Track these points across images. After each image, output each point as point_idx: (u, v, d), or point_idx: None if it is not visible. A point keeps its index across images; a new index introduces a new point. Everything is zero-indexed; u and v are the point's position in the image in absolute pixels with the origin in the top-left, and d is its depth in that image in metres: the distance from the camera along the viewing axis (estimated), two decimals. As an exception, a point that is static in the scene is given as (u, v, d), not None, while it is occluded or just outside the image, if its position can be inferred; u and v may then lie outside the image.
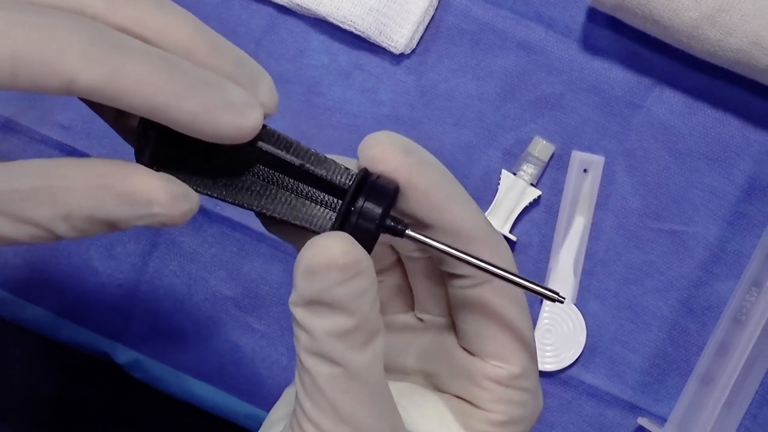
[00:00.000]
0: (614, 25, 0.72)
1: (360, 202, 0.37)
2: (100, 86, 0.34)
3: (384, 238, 0.41)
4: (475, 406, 0.42)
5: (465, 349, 0.43)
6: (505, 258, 0.41)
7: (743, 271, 0.71)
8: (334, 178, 0.38)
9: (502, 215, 0.70)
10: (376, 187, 0.38)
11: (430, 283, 0.43)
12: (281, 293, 0.73)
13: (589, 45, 0.72)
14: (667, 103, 0.72)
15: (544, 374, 0.71)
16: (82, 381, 1.04)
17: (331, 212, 0.38)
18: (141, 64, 0.34)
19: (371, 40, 0.72)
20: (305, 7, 0.72)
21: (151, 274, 0.74)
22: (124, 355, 0.74)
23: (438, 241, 0.39)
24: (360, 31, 0.72)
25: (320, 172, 0.38)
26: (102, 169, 0.35)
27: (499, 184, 0.71)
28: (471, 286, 0.41)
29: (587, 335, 0.71)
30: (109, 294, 0.74)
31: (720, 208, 0.72)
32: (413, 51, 0.73)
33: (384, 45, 0.72)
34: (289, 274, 0.73)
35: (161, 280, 0.74)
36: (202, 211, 0.73)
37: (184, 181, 0.38)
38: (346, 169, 0.38)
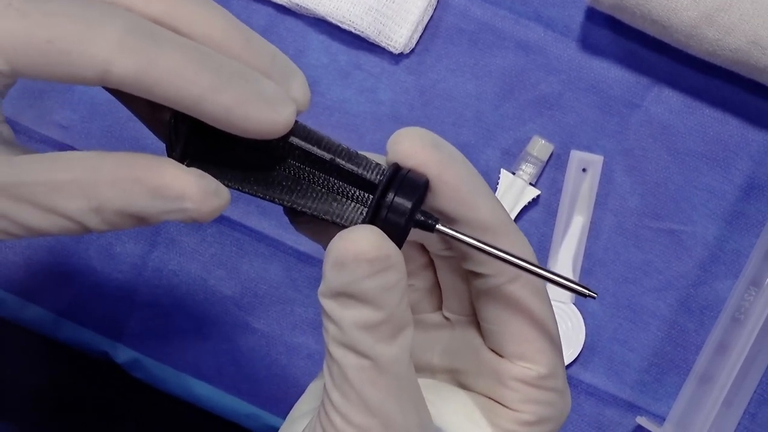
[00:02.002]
0: (613, 24, 0.72)
1: (390, 197, 0.37)
2: (134, 77, 0.34)
3: (415, 236, 0.41)
4: (503, 405, 0.42)
5: (492, 349, 0.43)
6: (529, 254, 0.41)
7: (742, 270, 0.71)
8: (365, 173, 0.38)
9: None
10: (406, 182, 0.38)
11: (459, 281, 0.43)
12: (280, 293, 0.73)
13: (587, 44, 0.72)
14: (666, 103, 0.72)
15: (543, 373, 0.71)
16: (82, 380, 1.05)
17: (362, 207, 0.38)
18: (175, 55, 0.34)
19: (370, 40, 0.72)
20: (304, 7, 0.72)
21: (150, 273, 0.74)
22: (123, 354, 0.74)
23: (469, 236, 0.39)
24: (359, 30, 0.72)
25: (351, 167, 0.38)
26: (133, 162, 0.35)
27: (498, 183, 0.71)
28: (495, 286, 0.41)
29: (586, 334, 0.71)
30: (109, 294, 0.74)
31: (719, 207, 0.72)
32: (412, 51, 0.73)
33: (383, 45, 0.72)
34: (287, 274, 0.73)
35: (160, 279, 0.74)
36: (202, 210, 0.73)
37: (214, 176, 0.38)
38: (377, 164, 0.38)
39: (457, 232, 0.38)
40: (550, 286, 0.71)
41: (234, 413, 0.74)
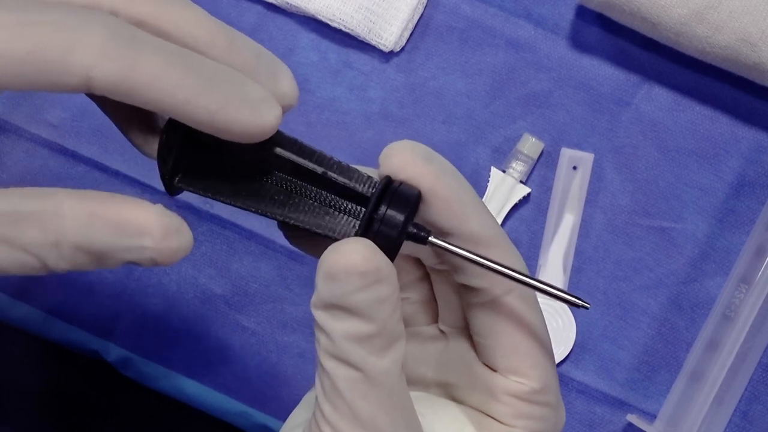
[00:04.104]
0: (603, 22, 0.72)
1: (383, 210, 0.37)
2: (117, 82, 0.33)
3: (409, 249, 0.40)
4: (496, 419, 0.42)
5: (485, 363, 0.43)
6: (521, 267, 0.41)
7: (732, 268, 0.71)
8: (357, 185, 0.38)
9: (492, 208, 0.70)
10: (398, 195, 0.38)
11: (454, 295, 0.43)
12: (271, 291, 0.73)
13: (577, 42, 0.72)
14: (656, 100, 0.72)
15: (533, 371, 0.71)
16: (74, 379, 1.04)
17: (354, 220, 0.38)
18: (158, 59, 0.34)
19: (360, 38, 0.72)
20: (294, 5, 0.72)
21: (140, 272, 0.74)
22: (114, 353, 0.74)
23: (461, 248, 0.38)
24: (349, 28, 0.72)
25: (343, 180, 0.38)
26: (94, 196, 0.35)
27: (488, 181, 0.71)
28: (487, 300, 0.41)
29: (576, 332, 0.71)
30: (99, 292, 0.74)
31: (709, 204, 0.72)
32: (402, 49, 0.73)
33: (373, 43, 0.72)
34: (278, 272, 0.73)
35: (151, 278, 0.74)
36: (192, 209, 0.73)
37: (206, 190, 0.38)
38: (369, 177, 0.38)
39: (449, 243, 0.38)
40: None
41: (224, 411, 0.74)
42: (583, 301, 0.39)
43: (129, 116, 0.40)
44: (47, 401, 1.07)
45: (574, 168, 0.71)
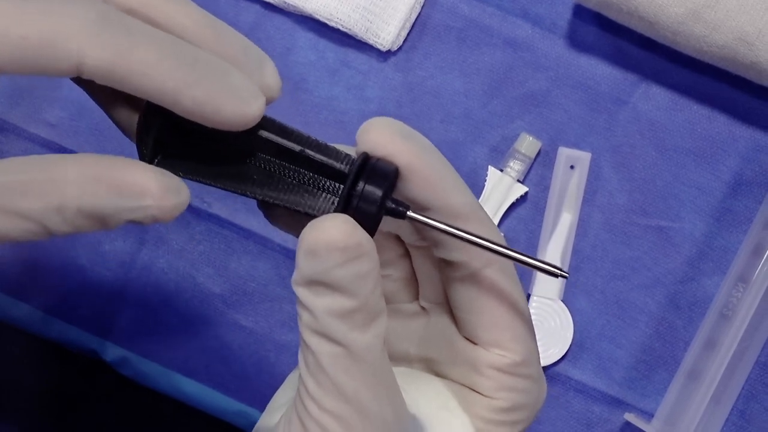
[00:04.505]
0: (600, 21, 0.72)
1: (361, 186, 0.37)
2: (107, 68, 0.34)
3: (388, 226, 0.41)
4: (478, 393, 0.42)
5: (466, 338, 0.43)
6: (499, 240, 0.41)
7: (729, 267, 0.71)
8: (335, 163, 0.38)
9: (488, 212, 0.70)
10: (376, 171, 0.38)
11: (434, 271, 0.44)
12: (269, 290, 0.73)
13: (575, 41, 0.72)
14: (654, 100, 0.72)
15: (531, 370, 0.71)
16: (73, 379, 1.04)
17: (333, 197, 0.38)
18: (150, 47, 0.35)
19: (358, 37, 0.72)
20: (292, 4, 0.72)
21: (138, 271, 0.74)
22: (112, 352, 0.74)
23: (440, 221, 0.39)
24: (346, 28, 0.72)
25: (320, 157, 0.38)
26: (94, 161, 0.35)
27: (485, 180, 0.71)
28: (467, 273, 0.41)
29: (574, 331, 0.71)
30: (97, 291, 0.74)
31: (706, 204, 0.72)
32: (400, 48, 0.73)
33: (371, 42, 0.72)
34: (276, 271, 0.73)
35: (149, 277, 0.74)
36: (190, 208, 0.73)
37: (185, 171, 0.38)
38: (347, 154, 0.39)
39: (428, 217, 0.39)
40: (537, 285, 0.71)
41: (222, 411, 0.74)
42: (561, 271, 0.39)
43: (114, 98, 0.41)
44: (46, 401, 1.07)
45: (572, 167, 0.71)
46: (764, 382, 0.71)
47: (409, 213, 0.38)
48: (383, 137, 0.39)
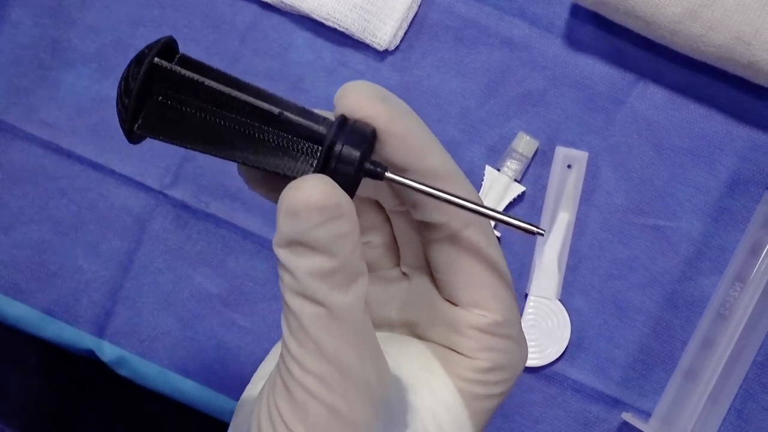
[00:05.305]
0: (597, 21, 0.72)
1: (339, 147, 0.38)
2: None
3: (368, 191, 0.41)
4: (460, 353, 0.43)
5: (447, 300, 0.43)
6: (477, 200, 0.41)
7: (727, 266, 0.71)
8: (313, 125, 0.39)
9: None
10: (354, 132, 0.38)
11: (414, 235, 0.44)
12: (266, 290, 0.73)
13: (572, 41, 0.72)
14: (651, 99, 0.72)
15: (528, 370, 0.72)
16: (70, 378, 1.05)
17: (312, 159, 0.39)
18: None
19: (355, 37, 0.72)
20: (289, 4, 0.72)
21: (136, 271, 0.74)
22: (109, 352, 0.74)
23: (418, 182, 0.39)
24: (344, 27, 0.72)
25: (299, 120, 0.39)
26: None
27: (483, 180, 0.71)
28: (446, 234, 0.42)
29: (572, 331, 0.71)
30: (94, 291, 0.74)
31: (704, 203, 0.72)
32: (397, 47, 0.73)
33: (368, 42, 0.72)
34: (273, 271, 0.73)
35: (146, 276, 0.74)
36: (187, 208, 0.73)
37: (165, 136, 0.39)
38: (325, 117, 0.39)
39: (406, 178, 0.39)
40: (534, 285, 0.71)
41: (220, 410, 0.74)
42: (537, 228, 0.40)
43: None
44: (45, 401, 1.07)
45: (569, 166, 0.71)
46: (761, 381, 0.71)
47: (388, 174, 0.39)
48: (360, 100, 0.39)
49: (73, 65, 0.75)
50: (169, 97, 0.39)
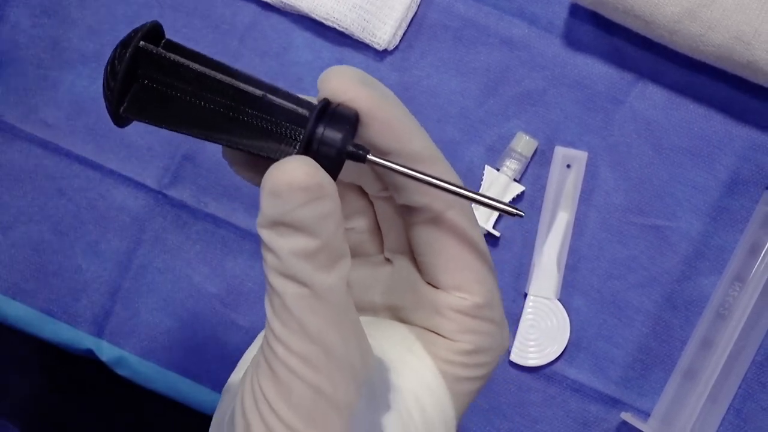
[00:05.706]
0: (596, 20, 0.72)
1: (321, 130, 0.38)
2: None
3: (351, 176, 0.42)
4: (442, 336, 0.43)
5: (429, 283, 0.44)
6: (458, 182, 0.42)
7: (726, 266, 0.71)
8: (297, 108, 0.39)
9: (485, 211, 0.71)
10: (336, 115, 0.39)
11: (397, 219, 0.44)
12: (265, 290, 0.73)
13: (571, 41, 0.72)
14: (650, 99, 0.72)
15: (528, 370, 0.72)
16: (69, 378, 1.05)
17: (296, 141, 0.39)
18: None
19: (354, 37, 0.72)
20: (288, 4, 0.72)
21: (135, 271, 0.74)
22: (108, 352, 0.74)
23: (400, 165, 0.40)
24: (343, 27, 0.72)
25: (282, 102, 0.39)
26: None
27: (482, 179, 0.71)
28: (428, 217, 0.42)
29: (571, 330, 0.71)
30: (93, 291, 0.74)
31: (703, 203, 0.72)
32: (396, 47, 0.73)
33: (367, 41, 0.72)
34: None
35: (145, 276, 0.74)
36: (186, 208, 0.73)
37: (150, 118, 0.39)
38: (308, 101, 0.39)
39: (388, 161, 0.40)
40: (534, 285, 0.71)
41: (219, 410, 0.74)
42: (517, 210, 0.40)
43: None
44: (45, 401, 1.07)
45: (568, 166, 0.71)
46: (760, 381, 0.71)
47: (370, 156, 0.39)
48: (343, 83, 0.39)
49: (73, 65, 0.75)
50: (155, 81, 0.39)
